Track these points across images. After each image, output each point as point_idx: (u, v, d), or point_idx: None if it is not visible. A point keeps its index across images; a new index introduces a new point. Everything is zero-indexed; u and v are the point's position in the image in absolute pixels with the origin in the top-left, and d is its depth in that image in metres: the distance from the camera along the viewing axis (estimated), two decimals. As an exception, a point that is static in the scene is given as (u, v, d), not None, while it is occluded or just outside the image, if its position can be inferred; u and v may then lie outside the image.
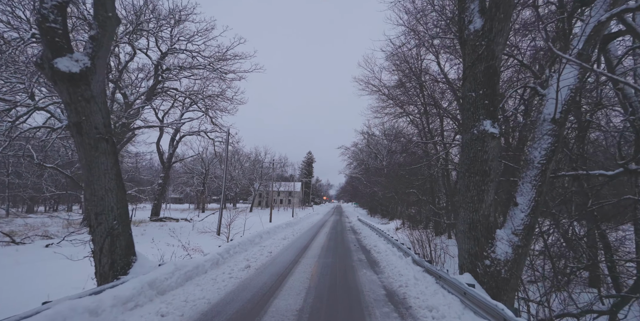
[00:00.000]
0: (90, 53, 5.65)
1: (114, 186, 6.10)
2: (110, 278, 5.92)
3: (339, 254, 11.76)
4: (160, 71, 23.07)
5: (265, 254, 10.90)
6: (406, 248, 10.21)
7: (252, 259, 9.82)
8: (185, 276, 6.57)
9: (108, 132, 6.07)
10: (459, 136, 20.46)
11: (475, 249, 6.38)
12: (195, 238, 16.46)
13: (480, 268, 6.24)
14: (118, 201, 6.15)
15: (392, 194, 33.35)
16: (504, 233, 6.34)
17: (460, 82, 17.56)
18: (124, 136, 22.76)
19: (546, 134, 6.16)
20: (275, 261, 9.98)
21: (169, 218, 29.58)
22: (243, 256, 10.14)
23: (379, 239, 15.58)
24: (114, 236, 6.03)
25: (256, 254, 10.85)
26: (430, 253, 12.12)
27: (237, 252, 10.27)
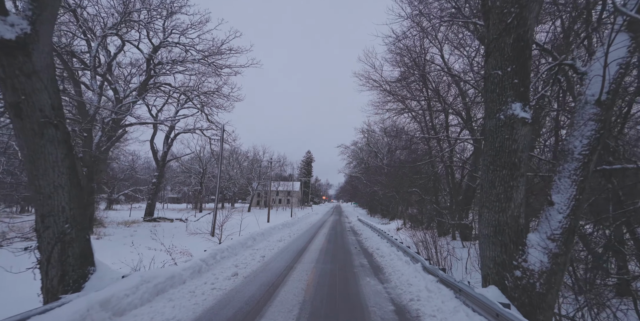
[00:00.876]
0: (30, 16, 4.52)
1: (66, 181, 4.98)
2: (60, 293, 4.79)
3: (339, 259, 10.64)
4: (152, 65, 21.92)
5: (258, 259, 9.77)
6: (414, 252, 9.09)
7: (241, 265, 8.69)
8: (155, 290, 5.45)
9: (58, 116, 4.93)
10: (466, 132, 19.39)
11: (502, 257, 5.27)
12: (186, 240, 15.33)
13: (510, 281, 5.13)
14: (71, 200, 5.03)
15: (393, 193, 32.26)
16: (537, 238, 5.23)
17: (466, 76, 16.50)
18: (114, 133, 21.62)
19: (589, 119, 5.05)
20: (267, 267, 8.86)
21: (163, 218, 28.44)
22: (232, 262, 9.01)
23: (381, 241, 14.47)
24: (65, 242, 4.90)
25: (247, 259, 9.72)
26: (436, 256, 11.03)
27: (225, 257, 9.14)
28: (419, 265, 7.91)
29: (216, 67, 23.46)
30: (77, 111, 18.09)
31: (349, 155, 48.69)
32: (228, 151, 52.45)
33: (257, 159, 51.82)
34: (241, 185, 53.50)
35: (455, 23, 14.20)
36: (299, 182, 69.65)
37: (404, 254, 9.98)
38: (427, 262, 7.63)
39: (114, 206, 55.21)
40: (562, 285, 5.46)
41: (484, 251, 5.61)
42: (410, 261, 8.88)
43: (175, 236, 17.74)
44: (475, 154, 18.91)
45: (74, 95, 16.87)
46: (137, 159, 47.54)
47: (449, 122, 18.68)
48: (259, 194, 62.73)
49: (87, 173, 17.85)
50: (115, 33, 17.35)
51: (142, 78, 22.49)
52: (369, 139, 40.67)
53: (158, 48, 22.43)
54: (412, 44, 17.24)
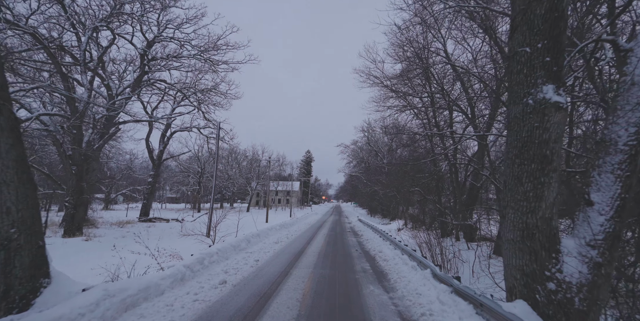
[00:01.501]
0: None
1: (12, 177, 4.13)
2: (3, 313, 3.95)
3: (339, 263, 9.79)
4: (147, 60, 21.09)
5: (250, 264, 8.92)
6: (420, 256, 8.24)
7: (231, 272, 7.84)
8: (123, 305, 4.60)
9: (1, 98, 4.09)
10: (470, 129, 18.54)
11: (532, 266, 4.42)
12: (178, 242, 14.51)
13: (542, 295, 4.29)
14: (19, 199, 4.18)
15: (394, 193, 31.43)
16: (574, 244, 4.39)
17: (474, 64, 15.62)
18: (107, 131, 20.76)
19: (637, 103, 4.22)
20: (260, 273, 8.01)
21: (159, 219, 27.59)
22: (222, 267, 8.16)
23: (383, 244, 13.62)
24: (10, 250, 4.06)
25: (239, 263, 8.87)
26: (441, 258, 10.21)
27: (214, 262, 8.29)
28: (427, 272, 7.06)
29: (212, 63, 22.66)
30: (68, 107, 17.25)
31: (349, 154, 47.91)
32: (227, 150, 51.62)
33: (256, 159, 51.02)
34: (240, 185, 52.67)
35: (460, 14, 13.39)
36: (299, 182, 68.73)
37: (409, 259, 9.13)
38: (437, 268, 6.78)
39: (113, 206, 54.39)
40: (608, 301, 4.62)
41: (508, 259, 4.76)
42: (418, 266, 8.03)
43: (167, 237, 16.93)
44: (480, 151, 18.10)
45: (62, 90, 16.03)
46: (135, 158, 46.67)
47: (453, 119, 17.82)
48: (258, 194, 61.86)
49: (77, 172, 17.00)
50: (106, 25, 16.51)
51: (137, 75, 21.65)
52: (369, 138, 39.85)
53: (152, 43, 21.61)
54: (414, 37, 16.43)
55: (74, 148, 16.83)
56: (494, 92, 12.50)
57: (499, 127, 16.37)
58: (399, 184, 30.16)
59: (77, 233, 16.52)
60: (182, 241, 14.41)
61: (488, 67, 15.13)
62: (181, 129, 28.69)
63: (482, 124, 16.94)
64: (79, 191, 17.01)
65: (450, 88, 16.34)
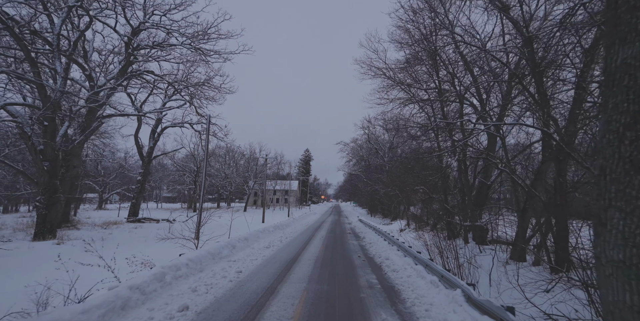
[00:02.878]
0: None
1: None
2: None
3: (339, 275, 7.97)
4: (131, 49, 19.24)
5: (230, 277, 7.09)
6: (443, 269, 6.38)
7: (202, 290, 6.01)
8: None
9: None
10: (480, 122, 16.75)
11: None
12: (157, 246, 12.67)
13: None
14: None
15: (396, 192, 29.63)
16: None
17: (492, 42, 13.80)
18: (89, 125, 18.92)
19: None
20: (239, 291, 6.18)
21: (148, 219, 25.73)
22: (191, 283, 6.33)
23: (389, 248, 11.79)
24: None
25: (216, 277, 7.04)
26: (455, 264, 8.44)
27: (181, 276, 6.45)
28: (457, 293, 5.23)
29: (203, 52, 20.82)
30: (39, 97, 15.41)
31: (349, 153, 46.08)
32: (223, 148, 49.81)
33: (254, 157, 49.20)
34: (237, 184, 50.84)
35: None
36: (297, 181, 66.82)
37: (425, 270, 7.31)
38: (471, 288, 4.96)
39: (107, 206, 52.51)
40: None
41: (614, 293, 2.96)
42: (440, 282, 6.21)
43: (148, 241, 15.07)
44: (491, 145, 16.44)
45: (32, 77, 14.20)
46: (129, 156, 44.81)
47: (463, 111, 16.01)
48: (255, 193, 60.04)
49: (50, 168, 15.15)
50: (80, 6, 14.65)
51: (122, 65, 19.79)
52: (370, 135, 38.06)
53: (138, 31, 19.76)
54: (421, 21, 14.65)
55: (46, 142, 14.97)
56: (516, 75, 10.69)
57: (514, 115, 14.59)
58: (401, 183, 28.39)
59: (49, 236, 14.66)
60: (161, 246, 12.56)
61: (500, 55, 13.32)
62: (172, 124, 26.83)
63: (494, 114, 15.16)
64: (51, 190, 15.15)
65: (463, 74, 14.53)
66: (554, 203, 10.88)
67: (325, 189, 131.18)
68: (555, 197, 10.75)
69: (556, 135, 10.79)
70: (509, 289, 7.64)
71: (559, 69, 11.01)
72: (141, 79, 23.51)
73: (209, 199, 66.92)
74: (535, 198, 11.96)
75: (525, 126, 11.76)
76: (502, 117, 14.48)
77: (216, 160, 51.02)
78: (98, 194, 48.18)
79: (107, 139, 40.00)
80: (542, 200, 11.60)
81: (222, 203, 58.27)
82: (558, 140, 10.45)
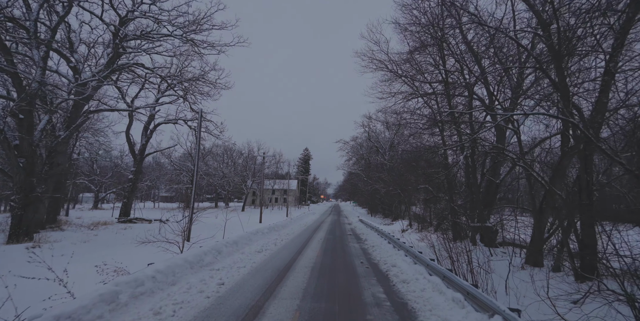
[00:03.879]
0: None
1: None
2: None
3: (340, 287, 6.68)
4: (119, 39, 17.92)
5: (209, 292, 5.79)
6: (469, 286, 5.05)
7: (167, 311, 4.69)
8: None
9: None
10: (496, 112, 15.45)
11: None
12: (138, 250, 11.34)
13: None
14: None
15: (397, 191, 28.36)
16: None
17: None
18: (74, 120, 17.60)
19: None
20: (215, 312, 4.87)
21: (140, 219, 24.41)
22: (156, 302, 5.01)
23: (395, 253, 10.47)
24: None
25: (191, 291, 5.73)
26: (468, 269, 7.17)
27: (144, 293, 5.12)
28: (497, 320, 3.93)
29: (195, 44, 19.53)
30: (14, 87, 14.10)
31: (348, 151, 44.74)
32: (221, 147, 48.51)
33: (252, 156, 47.84)
34: (236, 183, 49.53)
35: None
36: (296, 180, 65.39)
37: (443, 283, 6.01)
38: (517, 317, 3.67)
39: (103, 205, 51.15)
40: None
41: None
42: (466, 301, 4.90)
43: (132, 244, 13.76)
44: (499, 141, 15.24)
45: (4, 65, 12.89)
46: (125, 155, 43.49)
47: (472, 103, 14.71)
48: (254, 193, 58.68)
49: (26, 165, 13.84)
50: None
51: (109, 56, 18.47)
52: (370, 133, 36.75)
53: (126, 20, 18.44)
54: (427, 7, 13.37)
55: (22, 137, 13.67)
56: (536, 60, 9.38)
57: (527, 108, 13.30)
58: (402, 182, 27.14)
59: (24, 239, 13.35)
60: (142, 250, 11.25)
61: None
62: (166, 121, 25.54)
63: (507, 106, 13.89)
64: (28, 189, 13.84)
65: (473, 64, 13.22)
66: (578, 202, 9.64)
67: (324, 188, 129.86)
68: (580, 195, 9.44)
69: (581, 126, 9.47)
70: (537, 302, 6.38)
71: (583, 54, 9.77)
72: (132, 73, 22.24)
73: (207, 199, 65.59)
74: (555, 197, 10.71)
75: (546, 115, 10.47)
76: (514, 109, 13.20)
77: (214, 159, 49.72)
78: (94, 193, 46.89)
79: (102, 137, 38.74)
80: (564, 199, 10.31)
81: (220, 202, 56.97)
82: (585, 131, 9.11)
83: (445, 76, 15.38)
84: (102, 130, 36.91)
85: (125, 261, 8.98)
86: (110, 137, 36.90)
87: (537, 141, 13.83)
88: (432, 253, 9.90)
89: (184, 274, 6.46)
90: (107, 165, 47.88)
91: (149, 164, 54.90)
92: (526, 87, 12.85)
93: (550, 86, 11.26)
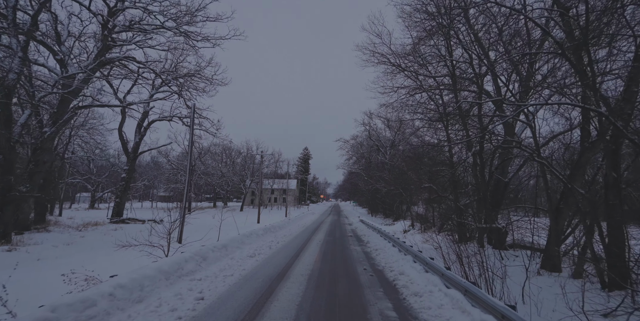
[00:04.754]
0: None
1: None
2: None
3: (341, 302, 5.60)
4: (108, 30, 16.85)
5: (182, 311, 4.71)
6: (506, 308, 3.99)
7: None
8: None
9: None
10: (512, 102, 14.40)
11: None
12: (118, 255, 10.26)
13: None
14: None
15: (399, 190, 27.28)
16: None
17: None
18: (61, 116, 16.53)
19: None
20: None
21: (133, 219, 23.32)
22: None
23: (402, 258, 9.38)
24: None
25: (160, 310, 4.66)
26: (482, 275, 6.17)
27: (95, 316, 4.05)
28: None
29: (189, 37, 18.50)
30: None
31: (348, 150, 43.64)
32: (220, 146, 47.46)
33: (251, 155, 46.76)
34: (235, 183, 48.46)
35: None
36: (296, 180, 64.27)
37: (466, 299, 4.93)
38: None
39: (100, 205, 50.06)
40: None
41: None
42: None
43: (109, 248, 12.66)
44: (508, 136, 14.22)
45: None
46: (122, 154, 42.38)
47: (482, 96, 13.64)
48: (253, 192, 57.61)
49: (3, 162, 12.78)
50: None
51: (99, 48, 17.40)
52: (370, 132, 35.69)
53: (116, 11, 17.39)
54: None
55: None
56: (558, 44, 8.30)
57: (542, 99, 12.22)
58: (404, 181, 26.09)
59: (1, 241, 12.31)
60: (125, 254, 10.17)
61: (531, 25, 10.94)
62: (160, 118, 24.47)
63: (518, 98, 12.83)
64: (6, 187, 12.79)
65: (482, 53, 12.14)
66: (603, 202, 8.60)
67: (324, 188, 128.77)
68: (607, 195, 8.35)
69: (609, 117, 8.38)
70: (569, 317, 5.36)
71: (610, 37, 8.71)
72: (125, 69, 21.17)
73: (206, 199, 64.50)
74: (575, 196, 9.66)
75: (570, 105, 9.41)
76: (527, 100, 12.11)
77: (213, 158, 48.66)
78: (90, 193, 45.87)
79: (98, 136, 37.69)
80: (588, 198, 9.23)
81: (219, 202, 55.90)
82: (614, 122, 7.97)
83: (452, 68, 14.34)
84: (97, 128, 35.89)
85: (103, 268, 7.91)
86: (106, 136, 35.80)
87: (550, 136, 12.77)
88: (437, 254, 8.86)
89: (155, 287, 5.38)
90: (104, 164, 46.84)
91: (147, 164, 53.78)
92: (542, 77, 11.77)
93: (570, 76, 10.23)
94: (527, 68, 11.84)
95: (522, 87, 11.97)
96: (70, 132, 31.31)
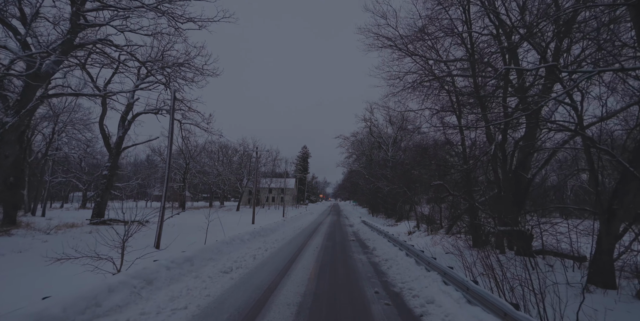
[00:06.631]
0: None
1: None
2: None
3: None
4: (77, 6, 14.56)
5: None
6: None
7: None
8: None
9: None
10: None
11: None
12: (61, 269, 7.93)
13: None
14: None
15: (403, 189, 24.98)
16: None
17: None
18: (25, 104, 14.23)
19: None
20: None
21: (115, 220, 20.87)
22: None
23: (424, 275, 7.00)
24: None
25: None
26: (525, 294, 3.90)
27: None
28: None
29: (172, 18, 16.22)
30: None
31: (349, 147, 41.34)
32: (217, 144, 45.15)
33: (247, 154, 44.45)
34: (231, 182, 46.15)
35: None
36: (294, 179, 61.90)
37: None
38: None
39: (92, 205, 47.72)
40: None
41: None
42: None
43: (40, 260, 10.35)
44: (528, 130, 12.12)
45: None
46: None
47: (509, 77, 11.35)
48: (250, 192, 55.24)
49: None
50: None
51: (68, 27, 15.09)
52: (372, 128, 33.40)
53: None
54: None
55: None
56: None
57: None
58: (408, 179, 23.82)
59: None
60: (67, 268, 7.82)
61: None
62: (146, 111, 22.16)
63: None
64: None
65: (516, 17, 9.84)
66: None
67: (323, 187, 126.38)
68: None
69: None
70: None
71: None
72: (105, 56, 18.84)
73: (203, 198, 62.17)
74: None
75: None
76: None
77: (209, 156, 46.36)
78: (82, 192, 43.57)
79: (89, 132, 35.35)
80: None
81: (216, 202, 53.57)
82: None
83: (471, 44, 12.07)
84: (88, 125, 33.56)
85: (26, 289, 5.67)
86: (96, 132, 33.52)
87: (603, 116, 10.37)
88: (458, 264, 6.68)
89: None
90: (95, 163, 44.52)
91: (141, 162, 51.52)
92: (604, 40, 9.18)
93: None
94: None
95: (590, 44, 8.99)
96: (54, 128, 29.04)
